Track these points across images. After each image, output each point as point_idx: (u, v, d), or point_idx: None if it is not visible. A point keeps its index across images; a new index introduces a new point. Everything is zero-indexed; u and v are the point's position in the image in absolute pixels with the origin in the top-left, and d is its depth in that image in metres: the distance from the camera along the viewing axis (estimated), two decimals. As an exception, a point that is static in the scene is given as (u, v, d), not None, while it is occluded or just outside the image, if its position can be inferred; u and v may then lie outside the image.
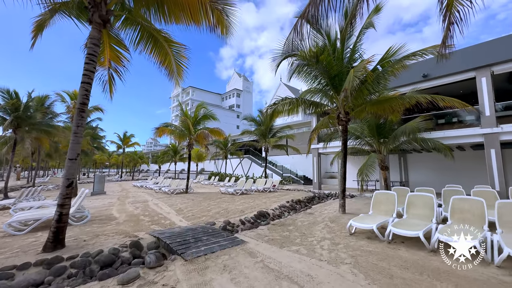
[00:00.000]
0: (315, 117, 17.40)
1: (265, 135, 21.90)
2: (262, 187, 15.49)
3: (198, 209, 8.44)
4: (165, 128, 13.45)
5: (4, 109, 15.97)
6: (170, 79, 7.61)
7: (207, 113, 14.38)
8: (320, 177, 16.80)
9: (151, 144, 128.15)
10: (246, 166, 30.74)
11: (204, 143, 14.68)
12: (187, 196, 12.69)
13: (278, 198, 11.57)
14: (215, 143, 29.04)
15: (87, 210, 7.45)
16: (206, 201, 10.51)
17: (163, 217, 7.25)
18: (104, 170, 69.59)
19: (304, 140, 26.75)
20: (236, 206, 9.15)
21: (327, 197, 13.35)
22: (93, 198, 12.54)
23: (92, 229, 5.73)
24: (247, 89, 71.26)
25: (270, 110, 8.64)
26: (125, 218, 7.00)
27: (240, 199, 11.35)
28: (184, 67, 7.50)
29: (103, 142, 46.54)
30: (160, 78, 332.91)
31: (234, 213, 7.69)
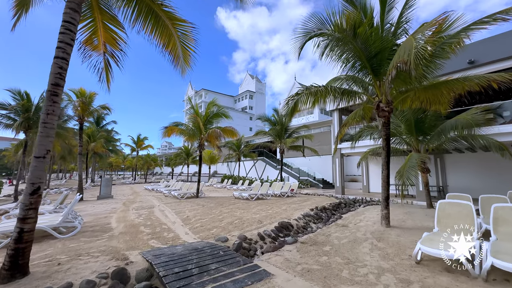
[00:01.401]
0: (337, 114, 15.87)
1: (281, 136, 20.55)
2: (279, 192, 14.13)
3: (208, 218, 7.24)
4: (174, 127, 12.47)
5: (15, 110, 15.69)
6: (175, 67, 6.50)
7: (219, 111, 13.27)
8: (343, 180, 15.19)
9: (165, 147, 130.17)
10: (260, 169, 29.44)
11: (216, 144, 13.55)
12: (198, 201, 11.56)
13: (299, 205, 10.18)
14: (228, 144, 28.02)
15: (80, 218, 6.45)
16: (218, 208, 9.31)
17: (167, 228, 6.10)
18: (119, 172, 70.78)
19: (322, 141, 25.14)
20: (252, 214, 7.86)
21: (354, 203, 11.77)
22: (98, 202, 11.70)
23: (77, 245, 4.64)
24: (260, 90, 70.23)
25: (292, 102, 7.32)
26: (122, 229, 5.90)
27: (256, 205, 10.06)
28: (191, 51, 6.38)
29: (118, 145, 47.13)
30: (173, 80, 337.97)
31: (250, 224, 6.41)
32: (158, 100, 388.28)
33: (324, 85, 6.62)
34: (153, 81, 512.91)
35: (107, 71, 6.23)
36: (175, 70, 6.60)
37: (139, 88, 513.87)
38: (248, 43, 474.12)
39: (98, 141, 30.02)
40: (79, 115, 12.38)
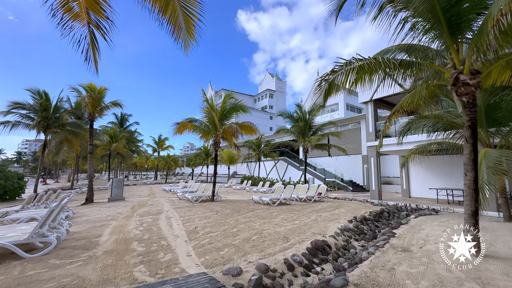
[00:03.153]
0: (371, 107, 13.74)
1: (305, 133, 18.71)
2: (305, 196, 12.39)
3: (220, 231, 5.79)
4: (187, 123, 11.27)
5: (34, 110, 15.63)
6: (177, 40, 5.14)
7: (236, 104, 11.86)
8: (380, 183, 13.05)
9: (187, 148, 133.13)
10: (282, 169, 27.72)
11: (232, 141, 12.17)
12: (212, 205, 10.23)
13: (331, 213, 8.41)
14: (247, 144, 26.66)
15: (64, 227, 5.31)
16: (234, 216, 7.85)
17: (166, 245, 4.73)
18: (143, 173, 72.72)
19: (350, 139, 22.79)
20: (275, 226, 6.28)
21: (399, 212, 9.71)
22: (107, 205, 10.83)
23: (37, 273, 3.40)
24: (280, 89, 68.37)
25: (325, 83, 5.66)
26: (110, 246, 4.64)
27: (278, 212, 8.46)
28: (195, 19, 4.98)
29: (140, 145, 48.02)
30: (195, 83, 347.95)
31: (273, 242, 4.85)
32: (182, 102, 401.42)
33: (373, 57, 4.87)
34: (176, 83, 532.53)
35: (94, 48, 5.01)
36: (176, 44, 5.26)
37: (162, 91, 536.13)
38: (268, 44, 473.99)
39: (120, 141, 30.28)
40: (89, 112, 11.68)
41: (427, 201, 12.30)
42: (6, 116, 14.74)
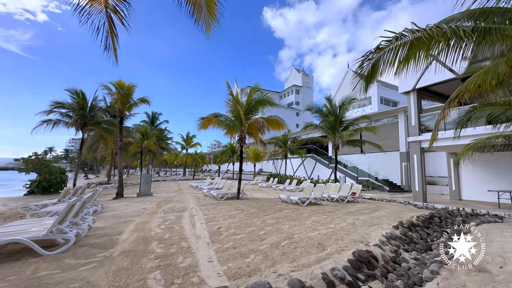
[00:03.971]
0: (414, 97, 12.16)
1: (335, 129, 17.49)
2: (337, 195, 11.39)
3: (245, 233, 5.23)
4: (212, 118, 10.93)
5: (72, 108, 16.62)
6: (197, 22, 4.67)
7: (262, 98, 11.22)
8: (425, 183, 11.51)
9: (215, 145, 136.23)
10: (310, 167, 26.56)
11: (258, 137, 11.59)
12: (238, 204, 9.77)
13: (370, 216, 7.42)
14: (273, 140, 25.95)
15: (87, 223, 5.16)
16: (260, 215, 7.27)
17: (186, 247, 4.29)
18: (174, 169, 75.77)
19: (386, 135, 20.86)
20: (307, 229, 5.56)
21: (451, 216, 8.34)
22: (135, 200, 10.97)
23: (48, 274, 3.14)
24: (307, 84, 66.27)
25: (368, 63, 4.77)
26: (129, 246, 4.33)
27: (309, 213, 7.69)
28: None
29: (170, 143, 49.89)
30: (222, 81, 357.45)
31: (306, 250, 4.15)
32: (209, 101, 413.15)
33: (436, 24, 3.88)
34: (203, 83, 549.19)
35: (112, 34, 4.73)
36: (197, 26, 4.77)
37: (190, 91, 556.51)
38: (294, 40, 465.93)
39: (151, 139, 31.50)
40: (119, 109, 11.94)
41: (484, 205, 10.54)
42: (48, 115, 15.83)
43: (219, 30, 4.83)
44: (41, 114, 15.82)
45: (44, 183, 17.98)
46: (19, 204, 12.41)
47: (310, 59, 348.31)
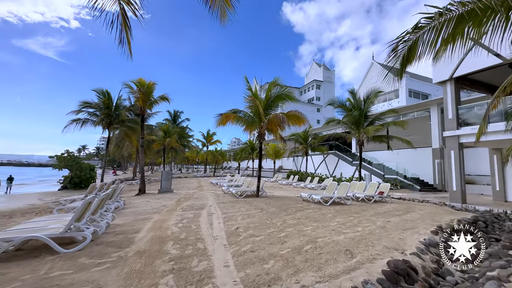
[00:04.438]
0: (451, 88, 10.97)
1: (359, 124, 16.53)
2: (362, 195, 10.66)
3: (264, 235, 4.90)
4: (230, 114, 10.71)
5: (98, 108, 17.35)
6: (211, 9, 4.38)
7: (282, 92, 10.76)
8: (463, 182, 10.36)
9: (234, 143, 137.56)
10: (332, 164, 25.57)
11: (278, 133, 11.17)
12: (257, 202, 9.47)
13: (401, 218, 6.74)
14: (293, 137, 25.29)
15: (106, 220, 5.14)
16: (281, 215, 6.89)
17: (201, 250, 4.06)
18: (195, 166, 77.66)
19: (416, 130, 19.30)
20: (332, 232, 5.09)
21: (498, 220, 7.36)
22: (156, 197, 11.12)
23: (61, 274, 3.05)
24: (328, 79, 64.12)
25: (403, 46, 4.19)
26: (144, 245, 4.19)
27: (333, 214, 7.17)
28: (233, -22, 4.15)
29: (191, 140, 51.01)
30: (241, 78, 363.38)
31: (332, 257, 3.73)
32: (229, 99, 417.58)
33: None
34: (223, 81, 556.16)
35: (126, 27, 4.59)
36: (211, 14, 4.48)
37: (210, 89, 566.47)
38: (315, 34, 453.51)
39: (173, 136, 32.32)
40: (140, 107, 12.15)
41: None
42: (77, 114, 16.67)
43: (238, 29, 4.51)
44: (71, 114, 16.73)
45: (75, 179, 19.05)
46: (52, 199, 13.19)
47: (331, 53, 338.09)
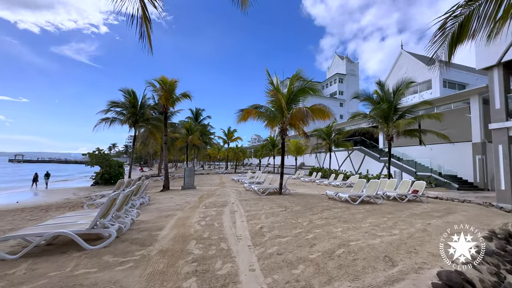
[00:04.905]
0: (498, 74, 9.72)
1: (388, 117, 15.48)
2: (394, 193, 9.88)
3: (291, 236, 4.59)
4: (251, 110, 10.46)
5: (125, 107, 18.05)
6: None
7: (305, 85, 10.26)
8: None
9: (255, 140, 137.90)
10: (357, 161, 24.43)
11: (301, 128, 10.73)
12: (280, 200, 9.16)
13: (442, 220, 6.06)
14: (316, 132, 24.49)
15: (130, 217, 5.15)
16: (306, 214, 6.53)
17: (225, 251, 3.85)
18: (217, 163, 79.06)
19: (453, 123, 17.64)
20: (366, 236, 4.64)
21: None
22: (179, 193, 11.25)
23: (86, 272, 3.00)
24: (352, 72, 61.45)
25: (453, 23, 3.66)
26: (167, 244, 4.09)
27: (364, 215, 6.64)
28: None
29: (213, 137, 51.83)
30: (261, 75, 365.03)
31: (369, 264, 3.32)
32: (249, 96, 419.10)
33: None
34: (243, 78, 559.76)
35: (146, 21, 4.48)
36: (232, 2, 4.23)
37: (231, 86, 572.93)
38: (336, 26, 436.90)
39: (195, 134, 32.97)
40: (163, 105, 12.35)
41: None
42: (106, 113, 17.49)
43: (257, 26, 4.21)
44: (100, 113, 17.60)
45: (105, 175, 20.09)
46: (85, 194, 13.95)
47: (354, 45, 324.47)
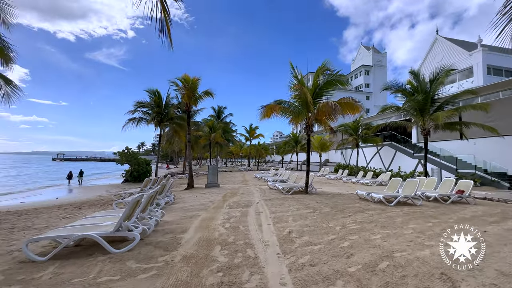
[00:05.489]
0: None
1: (425, 109, 14.17)
2: (435, 194, 8.91)
3: (323, 243, 4.16)
4: (275, 106, 10.04)
5: (150, 107, 18.56)
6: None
7: (332, 78, 9.59)
8: None
9: (277, 136, 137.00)
10: (387, 157, 22.94)
11: (328, 124, 10.11)
12: (307, 200, 8.69)
13: (501, 227, 5.22)
14: (341, 128, 23.34)
15: (155, 218, 5.05)
16: (338, 218, 6.01)
17: (252, 259, 3.54)
18: (239, 160, 79.78)
19: (500, 114, 15.72)
20: (411, 245, 4.06)
21: None
22: (203, 191, 11.24)
23: (107, 280, 2.85)
24: (379, 62, 57.98)
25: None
26: (190, 250, 3.88)
27: (403, 219, 5.96)
28: None
29: (235, 135, 52.20)
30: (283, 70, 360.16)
31: (423, 283, 2.80)
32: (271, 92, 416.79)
33: None
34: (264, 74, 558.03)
35: (165, 14, 4.27)
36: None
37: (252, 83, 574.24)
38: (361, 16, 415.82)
39: (217, 131, 33.31)
40: (186, 103, 12.38)
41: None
42: (133, 114, 18.12)
43: (277, 21, 3.77)
44: (128, 114, 18.28)
45: (134, 173, 20.96)
46: (116, 191, 14.58)
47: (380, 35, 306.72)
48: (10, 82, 8.90)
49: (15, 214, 7.73)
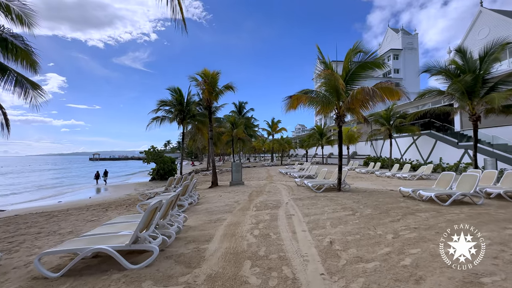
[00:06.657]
0: None
1: (474, 92, 12.36)
2: (500, 190, 7.48)
3: (378, 260, 3.34)
4: (301, 96, 9.16)
5: (172, 105, 18.57)
6: None
7: (368, 60, 8.44)
8: None
9: (299, 130, 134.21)
10: (426, 147, 20.84)
11: (360, 113, 9.03)
12: (341, 198, 7.79)
13: None
14: (372, 117, 21.59)
15: (177, 224, 4.57)
16: (385, 222, 5.10)
17: (291, 281, 2.86)
18: (262, 155, 79.30)
19: None
20: (496, 263, 3.09)
21: None
22: (227, 190, 10.77)
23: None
24: (410, 45, 53.42)
25: None
26: (215, 267, 3.29)
27: (469, 224, 4.87)
28: None
29: (257, 130, 51.63)
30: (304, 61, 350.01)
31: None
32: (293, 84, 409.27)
33: None
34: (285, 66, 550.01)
35: None
36: None
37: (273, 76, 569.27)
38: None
39: (239, 127, 32.98)
40: (206, 99, 11.95)
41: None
42: (157, 112, 18.25)
43: (296, 11, 2.94)
44: (152, 113, 18.47)
45: (160, 171, 21.29)
46: (143, 189, 14.74)
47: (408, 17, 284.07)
48: (37, 87, 9.05)
49: (47, 216, 7.85)
